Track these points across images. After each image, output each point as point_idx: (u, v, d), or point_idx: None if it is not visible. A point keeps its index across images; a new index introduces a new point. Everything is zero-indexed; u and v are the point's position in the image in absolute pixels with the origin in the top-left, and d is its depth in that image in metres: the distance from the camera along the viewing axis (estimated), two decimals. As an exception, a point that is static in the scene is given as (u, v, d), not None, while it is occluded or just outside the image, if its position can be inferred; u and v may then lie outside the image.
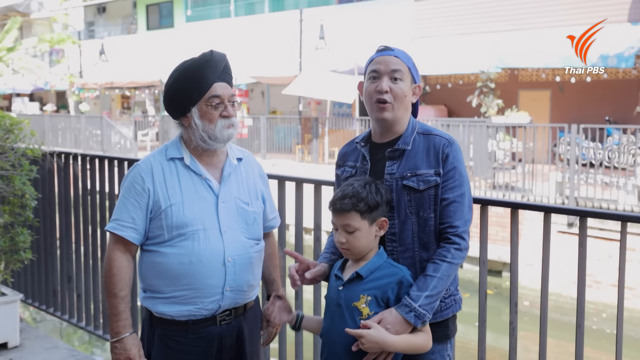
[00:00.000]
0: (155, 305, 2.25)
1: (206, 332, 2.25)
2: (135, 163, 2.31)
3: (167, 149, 2.30)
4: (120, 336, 2.21)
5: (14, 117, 4.18)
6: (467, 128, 12.37)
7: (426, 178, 2.10)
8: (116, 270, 2.21)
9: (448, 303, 2.17)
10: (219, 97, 2.22)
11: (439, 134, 2.16)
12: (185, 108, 2.24)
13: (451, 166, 2.09)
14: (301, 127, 17.63)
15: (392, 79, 2.14)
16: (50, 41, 25.78)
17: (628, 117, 14.19)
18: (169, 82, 2.26)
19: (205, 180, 2.26)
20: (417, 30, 17.43)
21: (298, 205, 3.14)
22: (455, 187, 2.09)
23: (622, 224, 2.27)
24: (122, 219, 2.22)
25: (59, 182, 4.44)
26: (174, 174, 2.25)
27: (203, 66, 2.21)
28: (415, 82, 2.21)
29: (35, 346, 4.15)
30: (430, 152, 2.12)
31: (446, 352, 2.21)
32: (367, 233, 2.05)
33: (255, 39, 20.80)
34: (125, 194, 2.25)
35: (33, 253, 4.27)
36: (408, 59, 2.20)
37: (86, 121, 20.48)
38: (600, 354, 8.71)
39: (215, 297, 2.23)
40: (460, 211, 2.08)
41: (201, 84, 2.20)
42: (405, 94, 2.15)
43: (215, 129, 2.22)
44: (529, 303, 10.16)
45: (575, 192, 10.79)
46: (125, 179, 2.29)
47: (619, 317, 2.30)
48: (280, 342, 3.23)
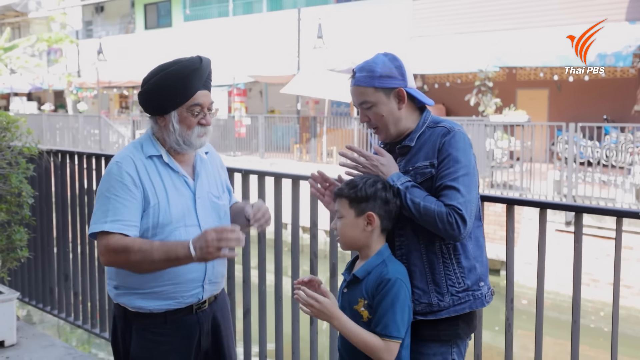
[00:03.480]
0: (132, 301, 2.24)
1: (184, 322, 2.28)
2: (114, 160, 2.22)
3: (142, 146, 2.27)
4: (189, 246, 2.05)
5: (10, 115, 4.17)
6: (465, 127, 12.36)
7: (422, 171, 2.10)
8: (134, 253, 2.09)
9: (462, 297, 2.09)
10: (200, 105, 2.23)
11: (443, 124, 2.13)
12: (165, 109, 2.23)
13: (445, 154, 2.06)
14: (299, 126, 17.62)
15: (364, 109, 2.15)
16: (48, 40, 25.76)
17: (626, 116, 14.20)
18: (151, 81, 2.22)
19: (182, 177, 2.28)
20: (415, 29, 17.42)
21: (294, 203, 3.13)
22: (451, 173, 2.04)
23: (618, 219, 2.27)
24: (125, 218, 2.14)
25: (56, 181, 4.43)
26: (155, 171, 2.23)
27: (191, 74, 2.19)
28: (394, 87, 2.13)
29: (32, 344, 4.14)
30: (430, 144, 2.11)
31: (450, 356, 2.12)
32: (352, 224, 2.06)
33: (254, 38, 20.78)
34: (116, 192, 2.15)
35: (30, 251, 4.26)
36: (370, 78, 2.12)
37: (84, 120, 20.46)
38: (598, 352, 8.71)
39: (195, 290, 2.26)
40: (453, 194, 2.01)
41: (186, 91, 2.19)
42: (383, 113, 2.13)
43: (191, 136, 2.23)
44: (526, 302, 10.16)
45: (573, 191, 10.80)
46: (109, 176, 2.19)
47: (614, 313, 2.29)
48: (277, 341, 3.23)
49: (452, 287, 2.09)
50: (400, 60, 2.17)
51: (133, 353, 2.26)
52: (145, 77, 2.24)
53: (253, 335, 3.31)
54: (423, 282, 2.10)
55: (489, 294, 2.19)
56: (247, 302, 3.30)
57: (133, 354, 2.26)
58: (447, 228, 2.00)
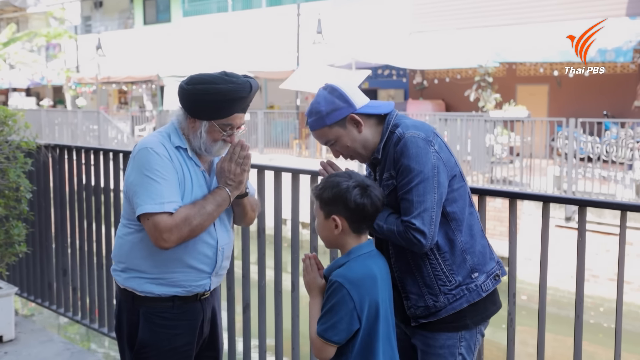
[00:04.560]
0: (141, 285, 2.29)
1: (190, 307, 2.35)
2: (145, 146, 2.22)
3: (170, 137, 2.29)
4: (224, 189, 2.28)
5: (8, 110, 4.15)
6: (464, 122, 12.34)
7: (385, 183, 2.13)
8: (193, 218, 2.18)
9: (457, 294, 2.11)
10: (232, 125, 2.27)
11: (397, 130, 2.11)
12: (199, 116, 2.26)
13: (399, 164, 2.07)
14: (298, 122, 17.58)
15: (330, 146, 2.20)
16: (47, 36, 25.70)
17: (626, 111, 14.18)
18: (198, 86, 2.20)
19: (202, 171, 2.34)
20: (414, 25, 17.39)
21: (294, 198, 3.11)
22: (405, 184, 2.05)
23: (622, 213, 2.26)
24: (173, 199, 2.17)
25: (54, 175, 4.41)
26: (182, 162, 2.28)
27: (238, 98, 2.22)
28: (343, 117, 2.13)
29: (31, 340, 4.13)
30: (390, 154, 2.12)
31: (457, 349, 2.13)
32: (323, 224, 2.08)
33: (253, 33, 20.74)
34: (158, 174, 2.16)
35: (28, 246, 4.25)
36: (320, 119, 2.14)
37: (83, 116, 20.43)
38: (597, 348, 8.72)
39: (203, 281, 2.35)
40: (407, 208, 2.03)
41: (226, 111, 2.24)
42: (347, 144, 2.17)
43: (213, 148, 2.30)
44: (526, 297, 10.16)
45: (573, 186, 10.79)
46: (143, 160, 2.19)
47: (618, 309, 2.28)
48: (276, 336, 3.22)
49: (443, 286, 2.11)
50: (340, 89, 2.16)
51: (141, 337, 2.30)
52: (195, 77, 2.24)
53: (252, 330, 3.29)
54: (416, 287, 2.14)
55: (489, 281, 2.17)
56: (246, 297, 3.28)
57: (141, 337, 2.30)
58: (409, 244, 2.05)
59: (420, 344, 2.18)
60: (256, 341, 3.31)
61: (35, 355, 3.91)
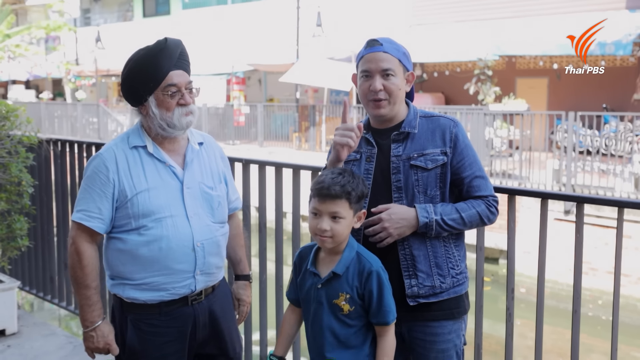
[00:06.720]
0: (125, 291, 2.26)
1: (179, 313, 2.29)
2: (97, 152, 2.28)
3: (129, 137, 2.28)
4: (95, 324, 2.26)
5: (10, 105, 4.16)
6: (464, 116, 12.35)
7: (434, 157, 2.17)
8: (87, 261, 2.22)
9: (460, 279, 2.23)
10: (175, 85, 2.22)
11: (442, 116, 2.26)
12: (142, 97, 2.23)
13: (463, 145, 2.19)
14: (298, 115, 17.58)
15: (384, 76, 2.16)
16: (46, 28, 25.62)
17: (625, 105, 14.19)
18: (124, 72, 2.24)
19: (169, 167, 2.27)
20: (414, 18, 17.36)
21: (295, 192, 3.13)
22: (473, 163, 2.20)
23: (619, 209, 2.28)
24: (89, 209, 2.20)
25: (56, 170, 4.43)
26: (137, 162, 2.24)
27: (158, 55, 2.19)
28: (408, 69, 2.24)
29: (33, 333, 4.16)
30: (436, 133, 2.20)
31: (462, 331, 2.25)
32: (349, 223, 2.05)
33: (252, 26, 20.70)
34: (89, 183, 2.22)
35: (30, 240, 4.27)
36: (397, 50, 2.20)
37: (82, 109, 20.42)
38: (595, 341, 8.77)
39: (186, 281, 2.27)
40: (485, 184, 2.21)
41: (156, 73, 2.20)
42: (399, 87, 2.19)
43: (173, 117, 2.23)
44: (525, 290, 10.19)
45: (572, 180, 10.81)
46: (87, 168, 2.26)
47: (615, 302, 2.31)
48: (277, 329, 3.24)
49: (452, 269, 2.21)
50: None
51: (129, 343, 2.28)
52: (122, 71, 2.26)
53: (254, 323, 3.32)
54: (427, 266, 2.17)
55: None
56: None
57: (129, 344, 2.28)
58: (490, 218, 2.21)
59: (422, 334, 2.20)
60: (257, 335, 3.34)
61: (37, 349, 3.93)
